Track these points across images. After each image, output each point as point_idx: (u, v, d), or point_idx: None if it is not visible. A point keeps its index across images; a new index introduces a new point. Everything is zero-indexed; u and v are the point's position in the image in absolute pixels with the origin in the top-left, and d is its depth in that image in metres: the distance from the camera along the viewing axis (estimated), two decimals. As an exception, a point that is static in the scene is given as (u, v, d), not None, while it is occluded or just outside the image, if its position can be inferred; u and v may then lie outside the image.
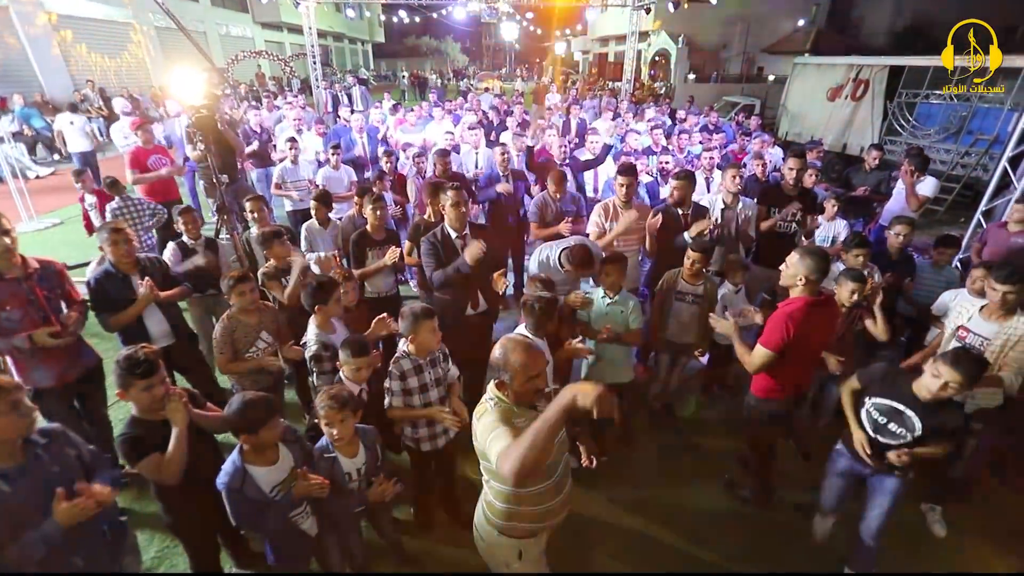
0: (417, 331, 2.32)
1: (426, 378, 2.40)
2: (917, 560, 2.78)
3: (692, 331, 3.37)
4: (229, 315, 2.76)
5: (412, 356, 2.38)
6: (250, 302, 2.75)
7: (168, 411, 1.92)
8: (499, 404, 1.70)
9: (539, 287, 2.76)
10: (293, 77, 19.17)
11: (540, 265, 3.31)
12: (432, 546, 2.78)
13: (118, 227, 2.86)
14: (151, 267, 3.03)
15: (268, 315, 2.89)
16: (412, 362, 2.37)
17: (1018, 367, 2.54)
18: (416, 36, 45.49)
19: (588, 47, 37.31)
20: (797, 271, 2.44)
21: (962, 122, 8.79)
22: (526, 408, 1.72)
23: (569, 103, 10.55)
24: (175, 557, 2.63)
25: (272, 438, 1.87)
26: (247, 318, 2.77)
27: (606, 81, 23.71)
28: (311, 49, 12.28)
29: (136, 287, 2.88)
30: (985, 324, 2.65)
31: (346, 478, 2.08)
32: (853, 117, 10.45)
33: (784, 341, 2.41)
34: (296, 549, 2.08)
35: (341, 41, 35.24)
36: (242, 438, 1.84)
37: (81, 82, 14.21)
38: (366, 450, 2.15)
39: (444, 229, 3.15)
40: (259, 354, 2.79)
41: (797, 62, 12.62)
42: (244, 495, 1.82)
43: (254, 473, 1.86)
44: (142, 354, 1.90)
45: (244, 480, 1.82)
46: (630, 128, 6.69)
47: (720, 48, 26.25)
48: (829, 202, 4.27)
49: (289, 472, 1.95)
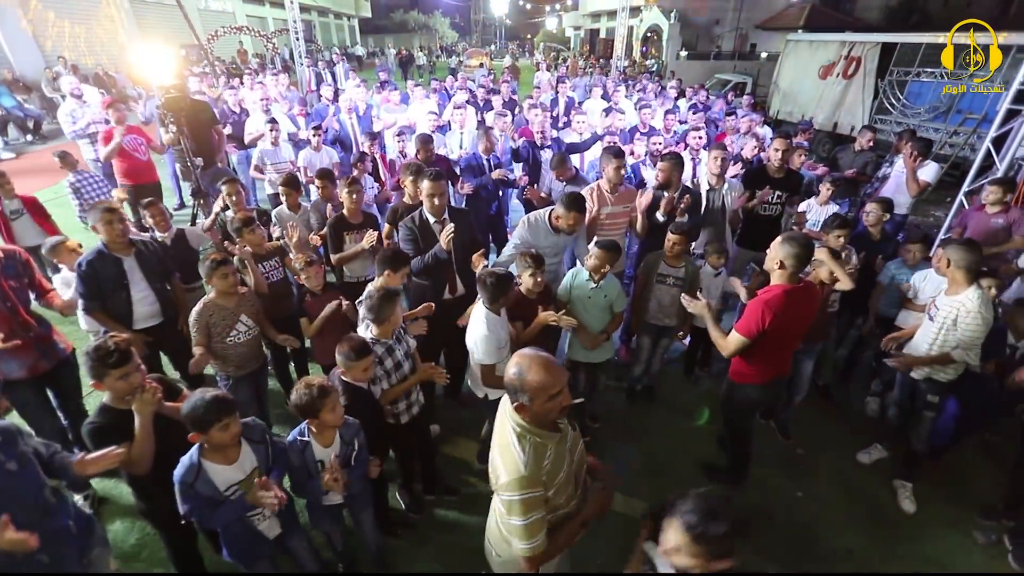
0: (388, 315, 2.36)
1: (397, 356, 2.47)
2: (888, 532, 2.87)
3: (673, 313, 3.38)
4: (206, 300, 2.71)
5: (381, 340, 2.42)
6: (231, 285, 2.71)
7: (134, 405, 1.89)
8: (523, 436, 1.50)
9: (529, 263, 2.73)
10: (276, 54, 18.57)
11: (529, 227, 3.24)
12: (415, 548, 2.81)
13: (112, 207, 2.84)
14: (146, 250, 2.97)
15: (247, 299, 2.85)
16: (383, 346, 2.42)
17: (969, 342, 2.58)
18: (404, 11, 44.08)
19: (580, 23, 36.53)
20: (775, 255, 2.44)
21: (952, 101, 8.74)
22: (548, 432, 1.53)
23: (557, 80, 10.32)
24: (154, 545, 2.63)
25: (223, 439, 1.81)
26: (225, 302, 2.73)
27: (597, 58, 23.25)
28: (294, 25, 11.87)
29: (128, 271, 2.85)
30: (944, 298, 2.71)
31: (318, 466, 2.07)
32: (844, 96, 10.35)
33: (759, 329, 2.42)
34: (250, 548, 2.04)
35: (326, 16, 34.08)
36: (192, 435, 1.80)
37: (53, 59, 13.68)
38: (343, 444, 2.13)
39: (423, 214, 3.10)
40: (239, 337, 2.75)
41: (790, 39, 12.44)
42: (195, 490, 1.79)
43: (210, 470, 1.83)
44: (112, 343, 1.86)
45: (197, 476, 1.80)
46: (616, 107, 6.57)
47: (713, 24, 25.78)
48: (824, 185, 4.23)
49: (249, 473, 1.92)
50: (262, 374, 3.06)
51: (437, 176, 3.00)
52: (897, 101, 9.64)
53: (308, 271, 2.93)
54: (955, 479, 3.20)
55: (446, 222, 3.03)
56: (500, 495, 1.52)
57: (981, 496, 3.03)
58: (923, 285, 3.22)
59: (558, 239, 3.27)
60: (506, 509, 1.51)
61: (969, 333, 2.56)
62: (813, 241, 2.59)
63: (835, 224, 3.31)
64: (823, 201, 4.24)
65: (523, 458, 1.47)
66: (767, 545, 2.75)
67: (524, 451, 1.48)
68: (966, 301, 2.56)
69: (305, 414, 2.00)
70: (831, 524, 2.91)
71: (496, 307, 2.50)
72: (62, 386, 2.82)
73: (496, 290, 2.44)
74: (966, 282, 2.59)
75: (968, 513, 2.94)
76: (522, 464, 1.47)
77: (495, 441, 1.63)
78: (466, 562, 2.56)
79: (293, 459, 2.05)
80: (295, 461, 2.05)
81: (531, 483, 1.46)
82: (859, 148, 5.35)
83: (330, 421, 2.01)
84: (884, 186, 5.08)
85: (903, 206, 5.01)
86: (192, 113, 4.82)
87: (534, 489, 1.47)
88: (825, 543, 2.81)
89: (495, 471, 1.57)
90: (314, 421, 2.02)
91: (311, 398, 1.94)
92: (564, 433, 1.58)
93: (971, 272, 2.58)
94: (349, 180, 3.49)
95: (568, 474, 1.60)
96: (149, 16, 17.83)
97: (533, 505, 1.47)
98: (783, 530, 2.86)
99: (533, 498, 1.47)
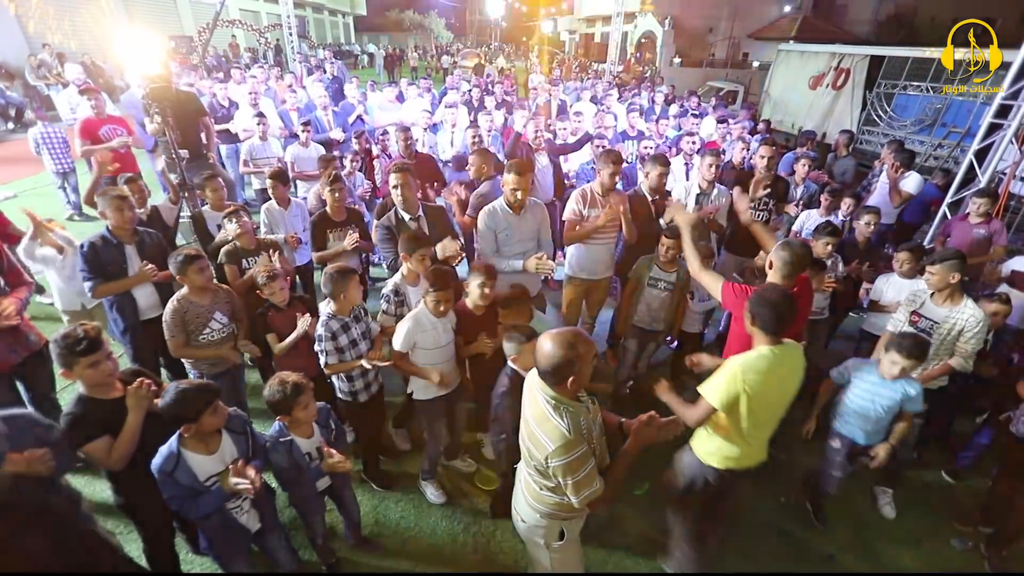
0: (345, 289, 2.47)
1: (354, 334, 2.57)
2: (869, 537, 2.89)
3: (661, 318, 3.37)
4: (180, 296, 2.64)
5: (338, 316, 2.52)
6: (207, 280, 2.66)
7: (129, 400, 1.89)
8: (558, 406, 1.62)
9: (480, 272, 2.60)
10: (268, 49, 18.38)
11: (488, 215, 3.09)
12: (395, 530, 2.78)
13: (123, 195, 2.89)
14: (149, 241, 2.98)
15: (221, 295, 2.78)
16: (339, 321, 2.52)
17: (972, 350, 2.64)
18: (400, 9, 43.89)
19: (575, 27, 36.69)
20: (773, 259, 2.39)
21: (937, 114, 8.91)
22: (575, 401, 1.68)
23: (550, 84, 10.35)
24: (129, 543, 2.54)
25: (215, 423, 1.83)
26: (199, 299, 2.67)
27: (591, 62, 23.37)
28: (287, 20, 11.78)
29: (129, 257, 2.87)
30: (936, 309, 2.75)
31: (306, 458, 2.08)
32: (833, 106, 10.51)
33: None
34: (230, 541, 2.03)
35: (320, 12, 33.83)
36: (184, 428, 1.78)
37: (37, 46, 13.37)
38: (320, 428, 2.17)
39: (397, 212, 3.06)
40: (213, 335, 2.69)
41: (781, 49, 12.60)
42: (175, 479, 1.79)
43: (189, 460, 1.82)
44: (81, 331, 1.84)
45: (177, 465, 1.79)
46: (608, 110, 6.59)
47: (706, 32, 26.09)
48: (824, 196, 4.25)
49: (230, 464, 1.91)
50: (238, 370, 2.98)
51: (399, 168, 2.94)
52: (884, 113, 9.80)
53: (272, 286, 2.73)
54: (935, 486, 3.24)
55: (421, 219, 2.99)
56: (552, 463, 1.61)
57: (961, 503, 3.07)
58: (885, 288, 3.34)
59: (519, 218, 3.12)
60: (562, 473, 1.61)
61: (973, 343, 2.63)
62: (810, 246, 2.65)
63: (825, 231, 3.34)
64: (824, 212, 4.24)
65: (564, 424, 1.60)
66: (749, 548, 2.76)
67: (563, 418, 1.61)
68: (970, 312, 2.62)
69: (278, 411, 2.00)
70: (812, 530, 2.92)
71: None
72: (33, 380, 2.73)
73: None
74: (962, 293, 2.65)
75: (947, 520, 2.97)
76: (565, 429, 1.59)
77: (529, 416, 1.72)
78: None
79: (280, 460, 2.03)
80: (282, 462, 2.04)
81: (577, 443, 1.60)
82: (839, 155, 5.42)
83: (303, 418, 2.03)
84: (869, 197, 5.15)
85: (887, 216, 5.10)
86: (178, 104, 4.71)
87: (580, 447, 1.61)
88: (806, 549, 2.82)
89: (536, 445, 1.66)
90: (286, 418, 2.01)
91: (283, 396, 1.95)
92: (586, 404, 1.74)
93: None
94: (332, 178, 3.46)
95: (599, 434, 1.78)
96: (137, 6, 17.54)
97: (584, 459, 1.61)
98: (765, 535, 2.87)
99: (582, 454, 1.61)
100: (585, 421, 1.69)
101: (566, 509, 1.77)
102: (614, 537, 2.80)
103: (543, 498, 1.81)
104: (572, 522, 1.91)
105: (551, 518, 1.85)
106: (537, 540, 1.91)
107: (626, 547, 2.76)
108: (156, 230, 3.31)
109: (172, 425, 1.79)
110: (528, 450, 1.76)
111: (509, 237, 3.12)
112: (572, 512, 1.81)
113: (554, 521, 1.86)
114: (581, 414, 1.68)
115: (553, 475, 1.65)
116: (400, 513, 2.90)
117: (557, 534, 1.89)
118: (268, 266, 2.88)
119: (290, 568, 2.27)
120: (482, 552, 2.69)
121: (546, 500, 1.80)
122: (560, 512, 1.82)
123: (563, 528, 1.88)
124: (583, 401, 1.73)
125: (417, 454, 3.19)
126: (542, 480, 1.75)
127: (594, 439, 1.72)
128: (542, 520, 1.86)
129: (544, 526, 1.86)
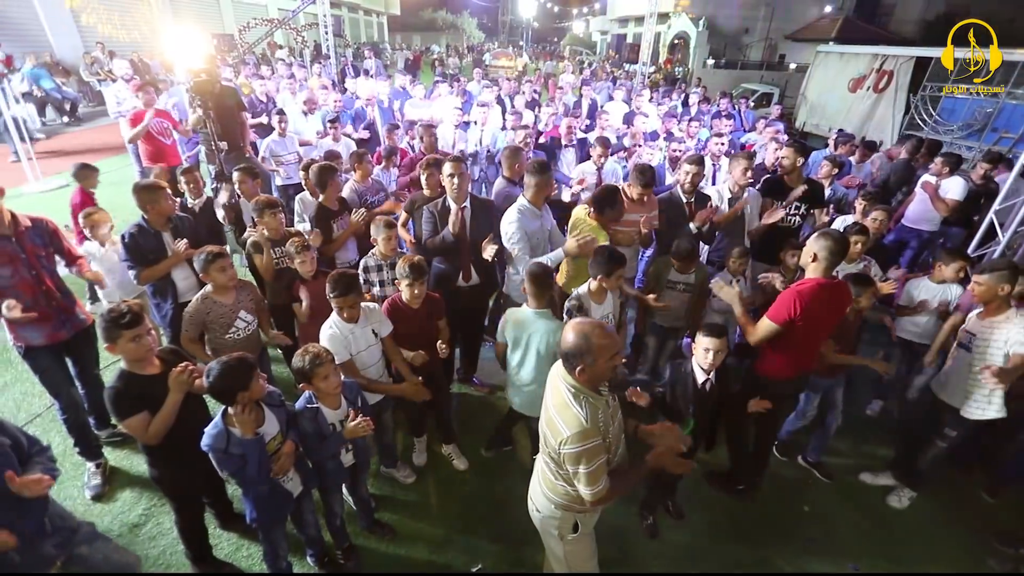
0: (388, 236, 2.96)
1: (384, 276, 3.05)
2: (897, 552, 2.79)
3: (682, 316, 3.36)
4: (204, 295, 2.67)
5: (376, 256, 3.04)
6: (230, 279, 2.66)
7: (172, 381, 2.00)
8: (578, 395, 1.67)
9: (406, 271, 2.59)
10: (305, 47, 18.87)
11: (520, 215, 3.10)
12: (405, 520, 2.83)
13: (160, 185, 3.03)
14: (182, 226, 3.13)
15: (245, 292, 2.81)
16: (375, 260, 3.06)
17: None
18: (432, 9, 44.45)
19: (607, 27, 36.40)
20: (811, 248, 2.43)
21: (987, 119, 8.49)
22: (595, 393, 1.70)
23: (581, 83, 10.31)
24: (161, 516, 2.69)
25: (260, 390, 1.93)
26: (223, 298, 2.68)
27: (620, 64, 23.13)
28: (323, 19, 12.07)
29: (167, 244, 3.03)
30: (980, 324, 2.63)
31: (330, 428, 2.16)
32: (874, 110, 10.14)
33: (790, 316, 2.40)
34: (275, 508, 2.13)
35: (356, 12, 34.54)
36: (239, 397, 1.85)
37: (91, 44, 14.10)
38: (348, 404, 2.24)
39: (446, 201, 3.18)
40: (238, 334, 2.73)
41: (820, 50, 12.23)
42: (230, 454, 1.88)
43: (237, 435, 1.90)
44: (125, 307, 1.95)
45: (228, 441, 1.88)
46: (639, 111, 6.53)
47: (742, 32, 25.49)
48: (859, 200, 4.10)
49: (274, 436, 2.01)
50: (262, 359, 3.05)
51: (456, 158, 3.13)
52: (929, 117, 9.39)
53: (304, 255, 2.93)
54: (972, 502, 3.10)
55: (466, 210, 3.10)
56: (564, 449, 1.64)
57: (1000, 522, 2.93)
58: (917, 293, 3.25)
59: (541, 219, 3.22)
60: (573, 461, 1.65)
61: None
62: (848, 238, 2.59)
63: (855, 231, 3.24)
64: (860, 218, 4.06)
65: (583, 413, 1.64)
66: (769, 557, 2.71)
67: (582, 407, 1.65)
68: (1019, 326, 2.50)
69: (299, 378, 2.09)
70: (838, 539, 2.84)
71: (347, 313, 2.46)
72: (80, 355, 2.89)
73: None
74: (1008, 304, 2.53)
75: (984, 539, 2.85)
76: (583, 418, 1.63)
77: (549, 403, 1.76)
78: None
79: (306, 425, 2.13)
80: (308, 427, 2.13)
81: (592, 434, 1.63)
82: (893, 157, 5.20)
83: (323, 389, 2.09)
84: (910, 200, 4.96)
85: (931, 223, 4.90)
86: (219, 98, 4.91)
87: (595, 438, 1.64)
88: (832, 561, 2.75)
89: (553, 432, 1.70)
90: (310, 387, 2.10)
91: (303, 365, 2.03)
92: (606, 398, 1.77)
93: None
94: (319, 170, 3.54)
95: (616, 432, 1.80)
96: (183, 5, 18.28)
97: (596, 452, 1.64)
98: (789, 543, 2.81)
99: (596, 446, 1.64)
100: (603, 415, 1.71)
101: (580, 502, 1.78)
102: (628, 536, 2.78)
103: (558, 488, 1.83)
104: (587, 516, 1.93)
105: (565, 510, 1.87)
106: (551, 531, 1.94)
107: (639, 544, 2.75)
108: (207, 220, 3.50)
109: (221, 399, 1.87)
110: (544, 436, 1.79)
111: (537, 235, 3.16)
112: (585, 506, 1.82)
113: (568, 513, 1.88)
114: (600, 407, 1.71)
115: (564, 462, 1.68)
116: (416, 497, 2.95)
117: (571, 527, 1.90)
118: (301, 239, 3.01)
119: (312, 534, 2.39)
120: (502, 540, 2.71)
121: (560, 491, 1.83)
122: (574, 505, 1.83)
123: (577, 520, 1.90)
124: (603, 395, 1.75)
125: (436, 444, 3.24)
126: (557, 469, 1.78)
127: (610, 435, 1.74)
128: (556, 511, 1.88)
129: (559, 517, 1.89)
